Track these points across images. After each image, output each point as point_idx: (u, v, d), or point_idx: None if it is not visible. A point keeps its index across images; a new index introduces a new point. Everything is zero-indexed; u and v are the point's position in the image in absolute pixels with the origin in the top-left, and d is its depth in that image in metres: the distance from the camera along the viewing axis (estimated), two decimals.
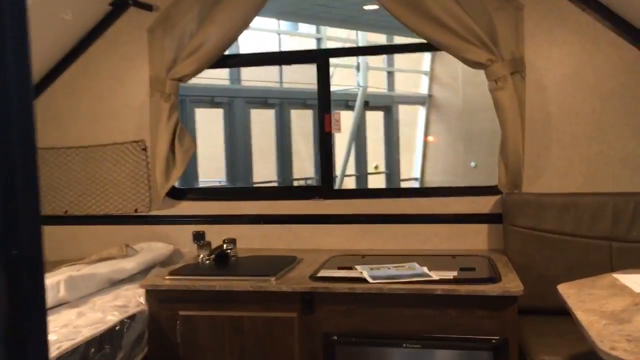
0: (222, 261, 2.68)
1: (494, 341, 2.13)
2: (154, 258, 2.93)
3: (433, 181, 16.06)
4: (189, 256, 3.13)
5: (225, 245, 2.73)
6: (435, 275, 2.34)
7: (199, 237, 3.12)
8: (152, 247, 3.10)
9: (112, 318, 2.21)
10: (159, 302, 2.39)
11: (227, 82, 9.13)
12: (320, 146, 3.10)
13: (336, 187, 2.94)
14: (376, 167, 16.07)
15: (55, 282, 2.32)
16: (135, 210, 3.20)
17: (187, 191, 3.26)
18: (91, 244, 3.23)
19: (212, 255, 2.69)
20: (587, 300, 1.83)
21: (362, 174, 14.60)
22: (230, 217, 3.14)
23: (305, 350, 2.29)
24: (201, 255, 2.71)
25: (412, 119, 12.46)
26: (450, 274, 2.42)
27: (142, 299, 2.43)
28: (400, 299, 2.20)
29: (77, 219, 3.26)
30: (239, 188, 3.14)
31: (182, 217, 3.18)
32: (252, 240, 3.11)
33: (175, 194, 3.20)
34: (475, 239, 2.91)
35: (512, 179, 2.79)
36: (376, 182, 15.37)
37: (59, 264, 2.84)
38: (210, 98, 8.79)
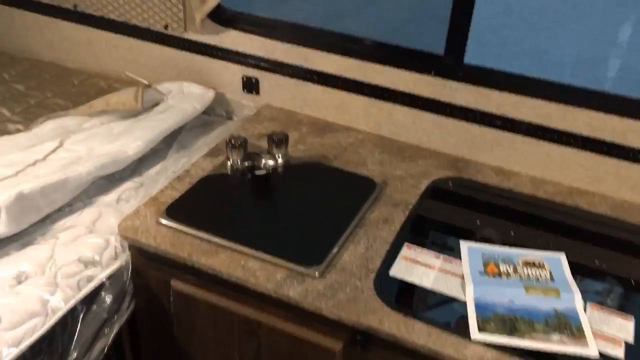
0: (255, 182, 1.74)
1: None
2: (180, 120, 2.01)
3: None
4: (236, 108, 2.20)
5: (263, 160, 1.74)
6: (593, 345, 1.34)
7: (250, 85, 2.16)
8: (184, 90, 2.16)
9: (57, 304, 1.43)
10: (147, 259, 1.59)
11: None
12: None
13: (467, 59, 1.73)
14: None
15: None
16: (165, 27, 2.16)
17: (242, 17, 2.11)
18: (111, 57, 2.33)
19: (245, 164, 1.75)
20: None
21: None
22: (296, 69, 2.05)
23: None
24: (230, 161, 1.77)
25: None
26: (620, 335, 1.40)
27: None
28: None
29: (91, 19, 2.28)
30: (319, 31, 1.94)
31: (229, 53, 2.12)
32: (324, 109, 2.07)
33: (223, 18, 2.09)
34: None
35: None
36: None
37: (74, 74, 2.33)
38: None
